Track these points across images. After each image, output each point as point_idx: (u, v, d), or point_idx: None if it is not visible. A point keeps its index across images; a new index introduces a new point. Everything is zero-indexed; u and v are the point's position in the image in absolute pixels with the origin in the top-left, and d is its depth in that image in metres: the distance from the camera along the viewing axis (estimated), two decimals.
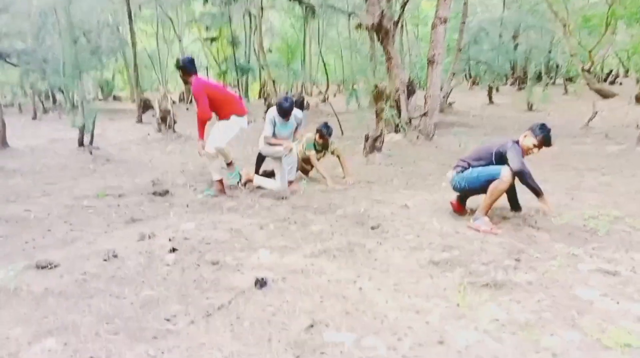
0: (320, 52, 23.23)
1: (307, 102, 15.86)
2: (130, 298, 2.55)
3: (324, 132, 5.76)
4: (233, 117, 5.08)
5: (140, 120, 13.62)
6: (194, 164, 7.19)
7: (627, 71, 25.18)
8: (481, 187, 4.01)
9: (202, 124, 4.99)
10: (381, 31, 6.97)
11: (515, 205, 4.29)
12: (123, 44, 18.23)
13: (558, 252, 3.27)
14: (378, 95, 6.27)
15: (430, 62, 7.02)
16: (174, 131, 10.27)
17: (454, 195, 4.68)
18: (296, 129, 5.63)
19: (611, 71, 23.75)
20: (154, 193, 5.14)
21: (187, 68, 4.99)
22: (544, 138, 3.88)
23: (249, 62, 20.81)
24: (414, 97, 10.05)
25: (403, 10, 10.69)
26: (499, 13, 21.70)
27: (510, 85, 25.73)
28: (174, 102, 24.45)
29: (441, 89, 8.09)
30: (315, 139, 5.86)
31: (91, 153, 7.55)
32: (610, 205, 4.41)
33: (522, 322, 2.28)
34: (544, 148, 3.98)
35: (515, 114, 14.55)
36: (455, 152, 7.41)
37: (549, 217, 4.04)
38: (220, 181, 5.24)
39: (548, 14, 17.96)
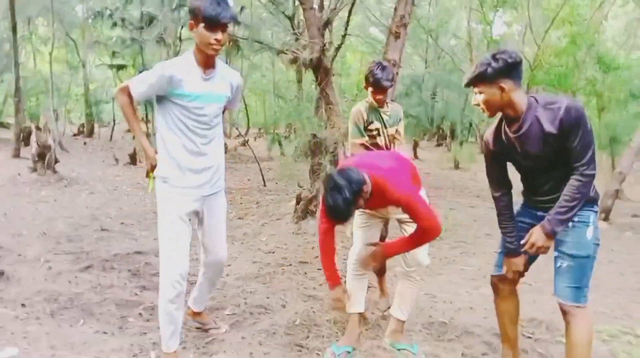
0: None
1: (225, 145, 14.33)
2: None
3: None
4: None
5: (17, 154, 11.22)
6: (66, 222, 5.37)
7: None
8: None
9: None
10: (320, 69, 5.85)
11: None
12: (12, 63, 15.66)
13: None
14: (315, 147, 5.03)
15: None
16: (54, 172, 8.23)
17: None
18: None
19: None
20: None
21: None
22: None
23: None
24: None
25: (338, 50, 9.65)
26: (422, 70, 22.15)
27: (428, 140, 26.09)
28: (75, 134, 21.73)
29: None
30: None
31: None
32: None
33: None
34: None
35: (443, 171, 14.13)
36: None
37: None
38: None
39: None
